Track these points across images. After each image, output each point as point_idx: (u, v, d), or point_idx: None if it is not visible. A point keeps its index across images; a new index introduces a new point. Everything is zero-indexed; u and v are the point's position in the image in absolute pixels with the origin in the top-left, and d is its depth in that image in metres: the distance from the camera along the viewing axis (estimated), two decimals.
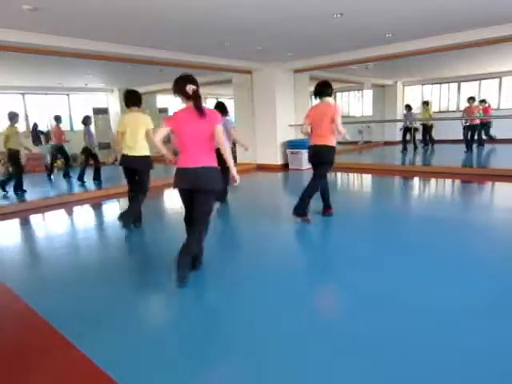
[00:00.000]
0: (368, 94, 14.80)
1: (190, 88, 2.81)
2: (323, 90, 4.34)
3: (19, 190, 7.23)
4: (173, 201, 6.17)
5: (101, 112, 12.36)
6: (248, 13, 4.84)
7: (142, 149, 4.28)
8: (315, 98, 4.43)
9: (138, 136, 4.24)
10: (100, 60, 6.63)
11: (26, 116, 11.18)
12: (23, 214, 5.67)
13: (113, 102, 12.96)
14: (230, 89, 10.64)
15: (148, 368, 1.93)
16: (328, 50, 7.61)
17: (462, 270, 2.96)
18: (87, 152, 8.17)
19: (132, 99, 4.32)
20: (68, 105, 12.26)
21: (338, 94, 16.34)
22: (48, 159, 10.53)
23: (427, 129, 11.52)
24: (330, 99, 4.40)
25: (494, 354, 1.91)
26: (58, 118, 8.96)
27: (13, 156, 7.00)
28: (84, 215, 5.88)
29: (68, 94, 12.16)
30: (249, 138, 8.89)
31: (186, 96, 2.85)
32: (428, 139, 11.68)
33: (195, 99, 2.80)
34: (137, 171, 4.38)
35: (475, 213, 4.96)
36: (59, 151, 8.96)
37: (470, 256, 3.28)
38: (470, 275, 2.85)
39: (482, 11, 5.20)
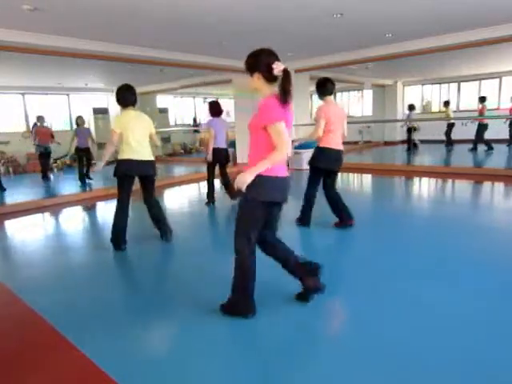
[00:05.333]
0: (368, 94, 14.82)
1: (278, 66, 2.09)
2: (331, 87, 3.88)
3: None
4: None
5: (101, 112, 12.35)
6: (248, 13, 4.84)
7: (150, 152, 3.80)
8: (321, 96, 3.90)
9: (145, 138, 3.77)
10: (100, 60, 6.64)
11: (26, 116, 11.18)
12: (22, 214, 5.67)
13: (113, 102, 12.94)
14: (230, 89, 10.65)
15: (148, 368, 1.93)
16: (328, 49, 7.61)
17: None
18: (79, 152, 8.22)
19: (130, 97, 3.71)
20: (68, 105, 12.25)
21: (338, 94, 16.35)
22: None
23: (450, 128, 11.33)
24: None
25: None
26: (41, 118, 8.61)
27: None
28: (83, 216, 5.88)
29: (68, 94, 12.16)
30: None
31: (269, 77, 2.13)
32: (448, 139, 11.46)
33: (286, 82, 2.09)
34: (143, 177, 3.82)
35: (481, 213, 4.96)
36: (48, 152, 8.76)
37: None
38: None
39: (482, 11, 5.20)
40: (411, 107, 11.57)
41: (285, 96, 2.09)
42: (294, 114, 2.32)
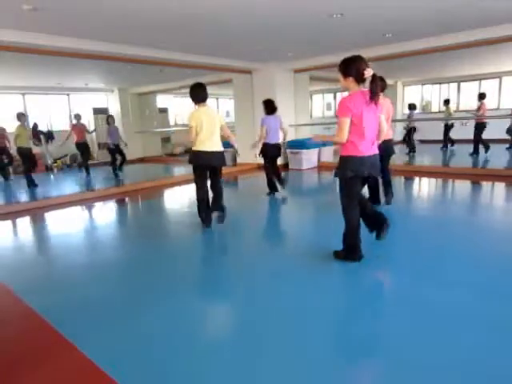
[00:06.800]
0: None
1: (368, 72, 2.69)
2: (384, 84, 3.77)
3: (32, 185, 7.86)
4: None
5: (101, 112, 12.36)
6: (248, 13, 4.84)
7: (219, 144, 4.21)
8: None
9: (216, 131, 4.16)
10: (100, 60, 6.63)
11: (26, 116, 11.17)
12: (27, 213, 5.67)
13: (113, 101, 12.96)
14: (230, 89, 10.65)
15: (148, 368, 1.93)
16: (328, 49, 7.60)
17: None
18: (111, 149, 8.86)
19: (201, 94, 4.15)
20: (68, 105, 12.25)
21: (338, 94, 16.34)
22: (48, 159, 10.58)
23: (448, 128, 11.08)
24: None
25: None
26: (78, 116, 9.42)
27: (22, 153, 7.76)
28: (89, 214, 5.88)
29: (68, 94, 12.16)
30: (249, 138, 8.90)
31: (358, 79, 2.72)
32: (448, 139, 11.20)
33: (375, 84, 2.69)
34: (214, 168, 4.27)
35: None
36: (84, 148, 9.42)
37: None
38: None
39: (482, 11, 5.20)
40: (411, 106, 11.16)
41: (373, 95, 2.72)
42: (386, 105, 3.29)
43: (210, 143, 4.11)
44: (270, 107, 5.85)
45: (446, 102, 11.24)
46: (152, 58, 6.84)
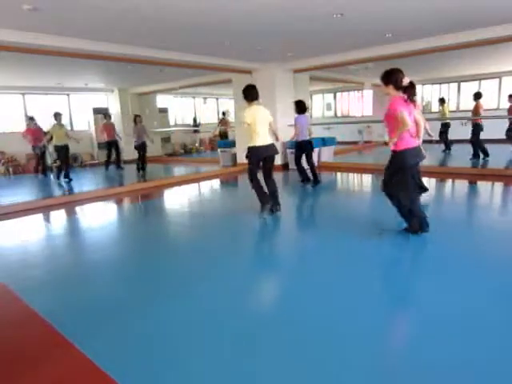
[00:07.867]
0: (368, 94, 14.79)
1: (406, 80, 3.33)
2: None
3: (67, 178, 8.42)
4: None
5: (101, 112, 12.36)
6: (248, 13, 4.84)
7: (270, 137, 4.69)
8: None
9: (267, 126, 4.66)
10: (100, 60, 6.63)
11: (26, 116, 11.17)
12: (23, 213, 5.67)
13: (113, 101, 12.95)
14: (230, 89, 10.64)
15: (148, 368, 1.93)
16: (328, 49, 7.61)
17: None
18: (137, 148, 9.27)
19: (254, 94, 4.63)
20: (68, 105, 12.25)
21: (338, 94, 16.35)
22: (49, 159, 10.57)
23: (444, 128, 10.86)
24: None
25: None
26: (108, 116, 9.94)
27: (58, 151, 8.27)
28: (96, 213, 5.87)
29: (68, 94, 12.16)
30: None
31: (398, 86, 3.35)
32: (445, 140, 10.98)
33: (412, 90, 3.35)
34: (269, 158, 4.71)
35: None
36: (114, 146, 9.93)
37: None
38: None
39: (482, 11, 5.20)
40: None
41: (411, 99, 3.38)
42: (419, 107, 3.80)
43: (265, 138, 4.59)
44: (300, 107, 6.45)
45: (442, 101, 11.19)
46: (152, 58, 6.83)
